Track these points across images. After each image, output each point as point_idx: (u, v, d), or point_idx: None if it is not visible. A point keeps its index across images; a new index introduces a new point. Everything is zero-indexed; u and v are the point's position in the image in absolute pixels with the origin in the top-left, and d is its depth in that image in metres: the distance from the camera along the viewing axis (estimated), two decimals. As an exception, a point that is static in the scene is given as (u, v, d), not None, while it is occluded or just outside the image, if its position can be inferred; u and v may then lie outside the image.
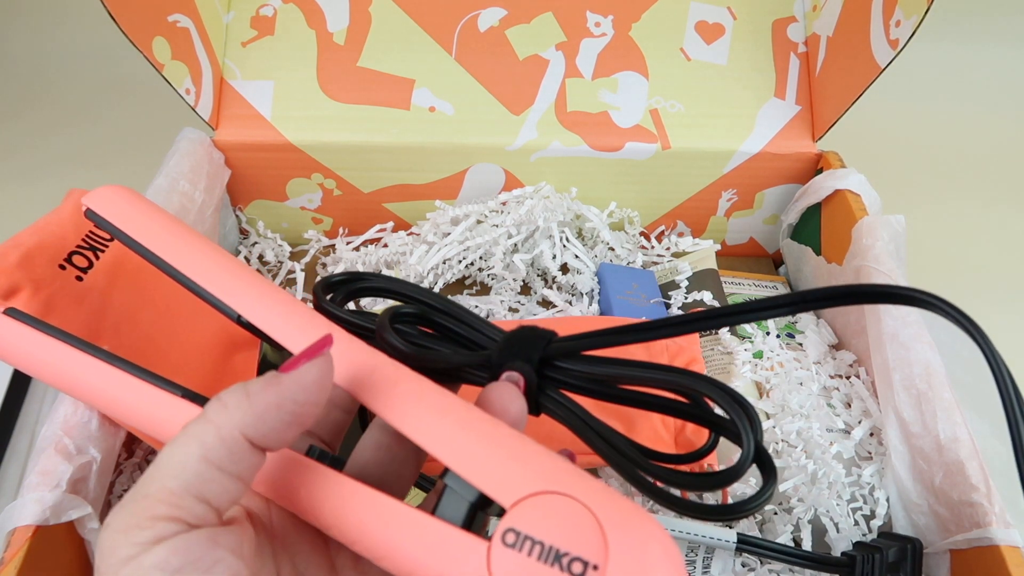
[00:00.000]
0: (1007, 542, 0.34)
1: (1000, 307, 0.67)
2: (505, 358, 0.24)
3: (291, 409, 0.20)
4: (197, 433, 0.19)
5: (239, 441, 0.19)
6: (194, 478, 0.18)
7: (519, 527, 0.19)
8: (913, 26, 0.46)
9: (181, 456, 0.18)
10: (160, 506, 0.17)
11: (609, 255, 0.60)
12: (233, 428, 0.19)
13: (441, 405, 0.22)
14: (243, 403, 0.19)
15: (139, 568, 0.16)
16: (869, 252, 0.48)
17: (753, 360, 0.48)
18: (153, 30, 0.49)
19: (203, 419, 0.19)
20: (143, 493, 0.18)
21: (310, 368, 0.20)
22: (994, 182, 0.81)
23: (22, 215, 0.28)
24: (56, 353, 0.28)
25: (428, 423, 0.21)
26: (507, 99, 0.58)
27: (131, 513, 0.17)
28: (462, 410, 0.22)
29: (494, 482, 0.20)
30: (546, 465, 0.20)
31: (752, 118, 0.58)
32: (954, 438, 0.38)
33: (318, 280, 0.28)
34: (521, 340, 0.24)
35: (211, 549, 0.17)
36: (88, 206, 0.29)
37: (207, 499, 0.18)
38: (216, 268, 0.27)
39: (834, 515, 0.40)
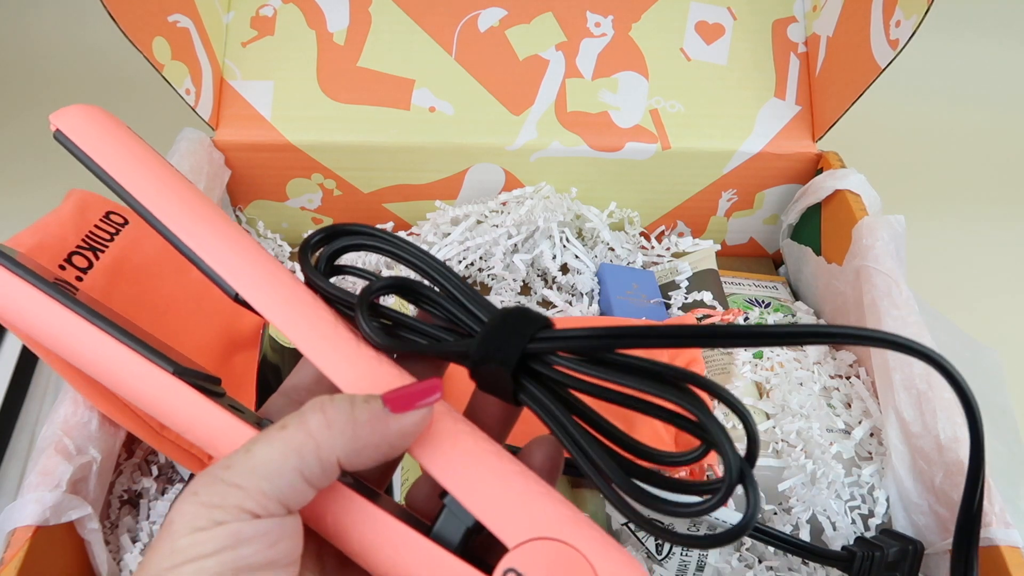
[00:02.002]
0: (1007, 542, 0.34)
1: (1000, 307, 0.67)
2: (484, 354, 0.22)
3: (385, 451, 0.21)
4: (297, 446, 0.20)
5: (334, 465, 0.20)
6: (286, 487, 0.19)
7: (520, 569, 0.20)
8: (913, 26, 0.46)
9: (279, 464, 0.19)
10: (248, 501, 0.19)
11: (609, 255, 0.60)
12: (332, 452, 0.20)
13: (459, 436, 0.22)
14: (347, 431, 0.20)
15: (210, 535, 0.18)
16: (869, 252, 0.48)
17: (753, 360, 0.48)
18: (153, 30, 0.49)
19: (306, 431, 0.20)
20: (234, 482, 0.19)
21: (416, 417, 0.21)
22: (994, 182, 0.81)
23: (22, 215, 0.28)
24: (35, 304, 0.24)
25: (442, 453, 0.22)
26: (507, 99, 0.58)
27: (220, 495, 0.19)
28: (477, 444, 0.22)
29: (500, 521, 0.21)
30: (551, 510, 0.21)
31: (752, 118, 0.58)
32: (954, 438, 0.38)
33: (303, 241, 0.26)
34: (503, 334, 0.22)
35: (277, 529, 0.19)
36: (57, 127, 0.25)
37: (287, 504, 0.20)
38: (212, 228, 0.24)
39: (832, 514, 0.40)
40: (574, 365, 0.22)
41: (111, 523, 0.39)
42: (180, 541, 0.19)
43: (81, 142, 0.24)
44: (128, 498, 0.40)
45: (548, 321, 0.23)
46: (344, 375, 0.23)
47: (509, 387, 0.23)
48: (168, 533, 0.19)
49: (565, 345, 0.22)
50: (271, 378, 0.44)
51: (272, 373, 0.44)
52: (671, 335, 0.21)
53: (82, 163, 0.24)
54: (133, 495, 0.40)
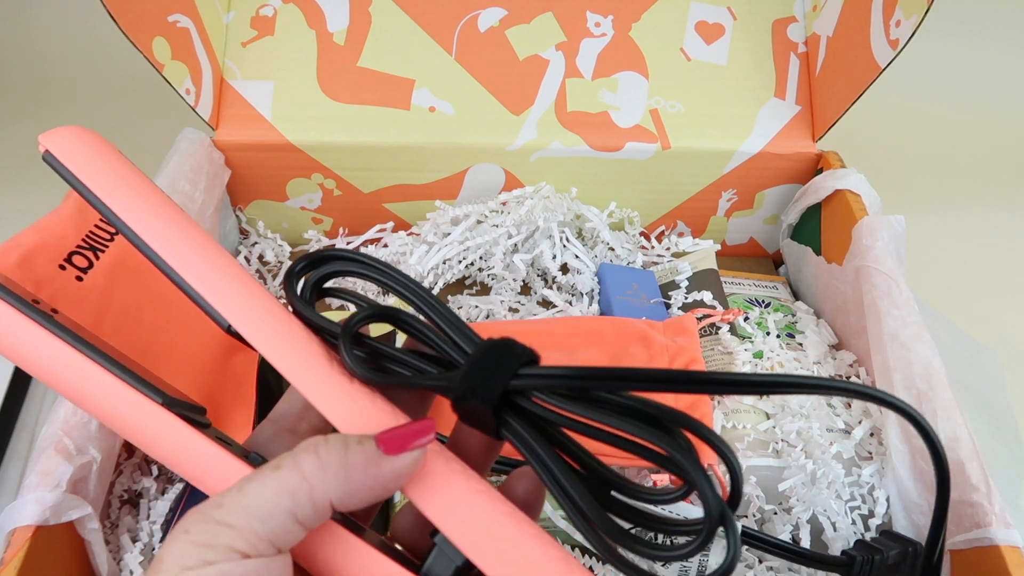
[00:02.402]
0: (1007, 542, 0.34)
1: (1000, 307, 0.67)
2: (465, 390, 0.22)
3: (378, 493, 0.21)
4: (291, 488, 0.19)
5: (327, 507, 0.20)
6: (278, 528, 0.19)
7: None
8: (913, 26, 0.46)
9: (272, 504, 0.19)
10: (240, 541, 0.19)
11: (609, 255, 0.60)
12: (326, 495, 0.20)
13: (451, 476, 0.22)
14: (341, 474, 0.20)
15: (200, 575, 0.18)
16: (869, 252, 0.48)
17: (753, 360, 0.48)
18: (153, 30, 0.49)
19: (300, 473, 0.20)
20: (226, 521, 0.19)
21: (410, 459, 0.21)
22: (994, 181, 0.81)
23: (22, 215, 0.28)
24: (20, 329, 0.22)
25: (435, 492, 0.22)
26: (507, 99, 0.58)
27: (211, 534, 0.19)
28: (470, 485, 0.22)
29: (492, 562, 0.21)
30: (542, 552, 0.21)
31: (752, 118, 0.58)
32: (954, 438, 0.38)
33: (288, 267, 0.25)
34: (486, 368, 0.22)
35: (267, 569, 0.19)
36: (47, 148, 0.23)
37: (278, 545, 0.19)
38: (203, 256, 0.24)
39: (832, 515, 0.40)
40: (557, 401, 0.21)
41: (111, 523, 0.39)
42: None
43: (72, 165, 0.23)
44: (128, 498, 0.40)
45: (533, 355, 0.23)
46: (335, 410, 0.23)
47: (491, 423, 0.22)
48: (157, 571, 0.19)
49: (547, 383, 0.22)
50: (271, 378, 0.44)
51: (272, 373, 0.44)
52: (655, 379, 0.21)
53: (72, 186, 0.23)
54: (133, 495, 0.40)
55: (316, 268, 0.25)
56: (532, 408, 0.22)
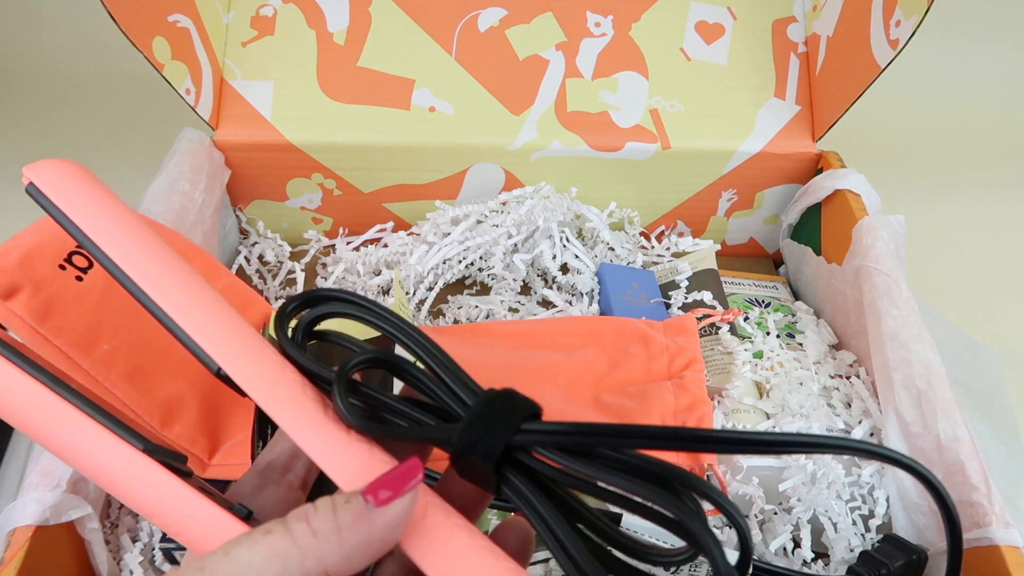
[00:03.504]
0: (1007, 542, 0.34)
1: (1000, 307, 0.67)
2: (465, 445, 0.21)
3: (377, 548, 0.20)
4: (281, 554, 0.19)
5: (320, 574, 0.19)
6: None
7: None
8: (913, 26, 0.46)
9: (259, 569, 0.18)
10: None
11: (609, 255, 0.60)
12: (319, 561, 0.19)
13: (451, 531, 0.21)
14: (333, 537, 0.19)
15: None
16: (869, 252, 0.48)
17: (753, 360, 0.48)
18: (153, 30, 0.49)
19: (290, 539, 0.19)
20: None
21: (402, 505, 0.20)
22: (994, 182, 0.81)
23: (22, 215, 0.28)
24: None
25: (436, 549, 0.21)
26: (507, 99, 0.58)
27: None
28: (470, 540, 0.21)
29: None
30: None
31: (752, 118, 0.58)
32: (954, 438, 0.38)
33: (279, 307, 0.24)
34: (487, 422, 0.21)
35: None
36: (31, 180, 0.23)
37: None
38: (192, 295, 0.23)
39: (832, 515, 0.40)
40: (560, 458, 0.21)
41: (111, 523, 0.39)
42: None
43: (57, 199, 0.22)
44: (128, 498, 0.40)
45: (535, 408, 0.22)
46: (332, 462, 0.22)
47: (492, 479, 0.22)
48: None
49: (551, 440, 0.21)
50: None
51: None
52: (662, 437, 0.20)
53: (56, 220, 0.22)
54: (133, 495, 0.40)
55: (309, 308, 0.24)
56: (534, 464, 0.21)
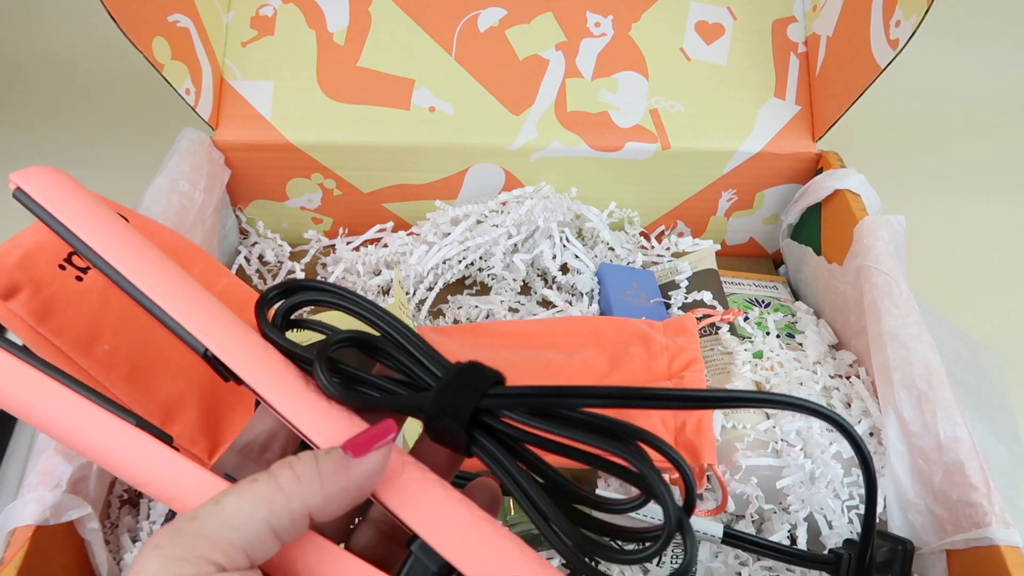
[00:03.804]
0: (1007, 542, 0.34)
1: (1000, 307, 0.67)
2: (438, 409, 0.23)
3: (355, 495, 0.21)
4: (267, 498, 0.20)
5: (304, 516, 0.20)
6: (253, 537, 0.19)
7: None
8: (913, 26, 0.46)
9: (247, 514, 0.20)
10: (214, 552, 0.19)
11: (609, 255, 0.60)
12: (303, 504, 0.20)
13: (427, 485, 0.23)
14: (315, 482, 0.21)
15: None
16: (870, 252, 0.48)
17: (753, 360, 0.48)
18: (153, 30, 0.49)
19: (275, 485, 0.20)
20: (200, 532, 0.19)
21: (377, 457, 0.22)
22: (994, 182, 0.81)
23: (22, 215, 0.28)
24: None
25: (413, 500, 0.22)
26: (507, 99, 0.58)
27: (184, 547, 0.19)
28: (446, 493, 0.23)
29: (469, 562, 0.21)
30: (520, 555, 0.22)
31: (752, 118, 0.58)
32: (954, 438, 0.38)
33: (260, 295, 0.26)
34: (456, 389, 0.23)
35: None
36: (18, 185, 0.25)
37: (253, 557, 0.20)
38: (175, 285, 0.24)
39: (828, 513, 0.40)
40: (523, 419, 0.23)
41: (111, 523, 0.39)
42: None
43: (44, 201, 0.24)
44: (128, 498, 0.40)
45: (499, 376, 0.24)
46: (315, 428, 0.23)
47: (463, 441, 0.23)
48: None
49: (514, 402, 0.23)
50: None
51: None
52: (609, 395, 0.22)
53: (43, 221, 0.24)
54: (133, 495, 0.40)
55: (287, 297, 0.26)
56: (500, 426, 0.23)
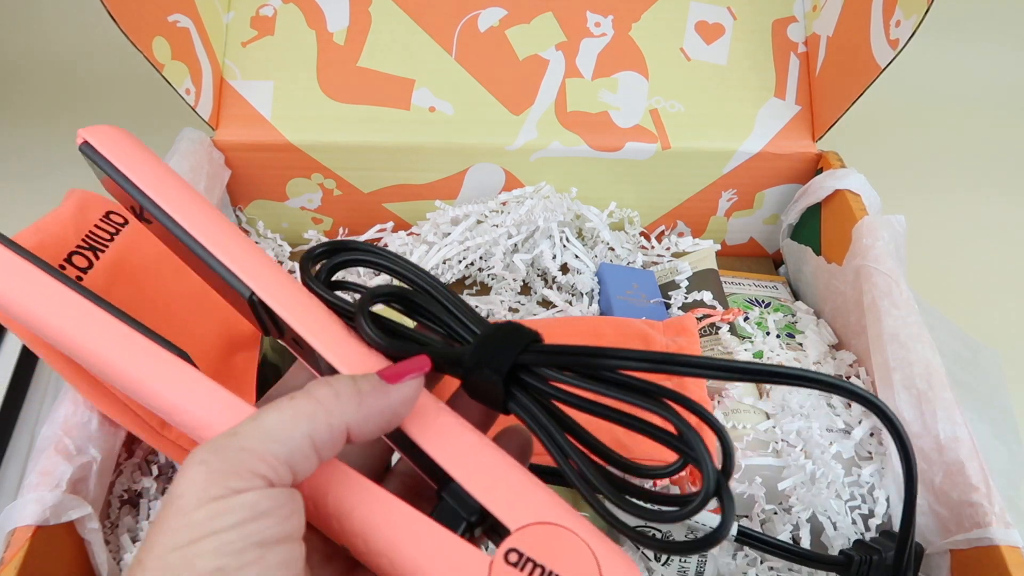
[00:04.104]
0: (1007, 542, 0.34)
1: (1000, 307, 0.67)
2: (478, 361, 0.23)
3: (389, 418, 0.22)
4: (309, 412, 0.20)
5: (342, 433, 0.21)
6: (296, 451, 0.20)
7: (523, 549, 0.21)
8: (913, 26, 0.46)
9: (290, 428, 0.20)
10: (261, 464, 0.19)
11: (609, 255, 0.60)
12: (342, 419, 0.21)
13: (459, 429, 0.23)
14: (354, 400, 0.21)
15: (228, 505, 0.18)
16: (869, 252, 0.48)
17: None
18: (153, 30, 0.49)
19: (314, 401, 0.21)
20: (244, 446, 0.19)
21: (412, 384, 0.22)
22: (994, 182, 0.81)
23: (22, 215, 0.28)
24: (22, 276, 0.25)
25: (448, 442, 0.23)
26: (507, 99, 0.58)
27: (231, 461, 0.19)
28: (479, 439, 0.23)
29: (501, 504, 0.22)
30: (552, 501, 0.22)
31: (752, 118, 0.58)
32: (954, 438, 0.38)
33: (304, 252, 0.27)
34: (496, 343, 0.24)
35: (290, 501, 0.19)
36: (86, 139, 0.27)
37: (295, 470, 0.20)
38: (227, 233, 0.26)
39: (831, 514, 0.40)
40: (564, 378, 0.23)
41: (111, 523, 0.39)
42: (195, 514, 0.18)
43: (109, 154, 0.27)
44: (128, 498, 0.40)
45: (539, 335, 0.24)
46: (353, 368, 0.24)
47: (500, 395, 0.24)
48: (177, 508, 0.18)
49: (554, 359, 0.23)
50: (271, 377, 0.44)
51: (272, 372, 0.44)
52: (653, 360, 0.22)
53: (107, 174, 0.26)
54: (133, 495, 0.40)
55: (332, 256, 0.27)
56: (539, 384, 0.23)
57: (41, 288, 0.25)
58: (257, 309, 0.25)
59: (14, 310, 0.25)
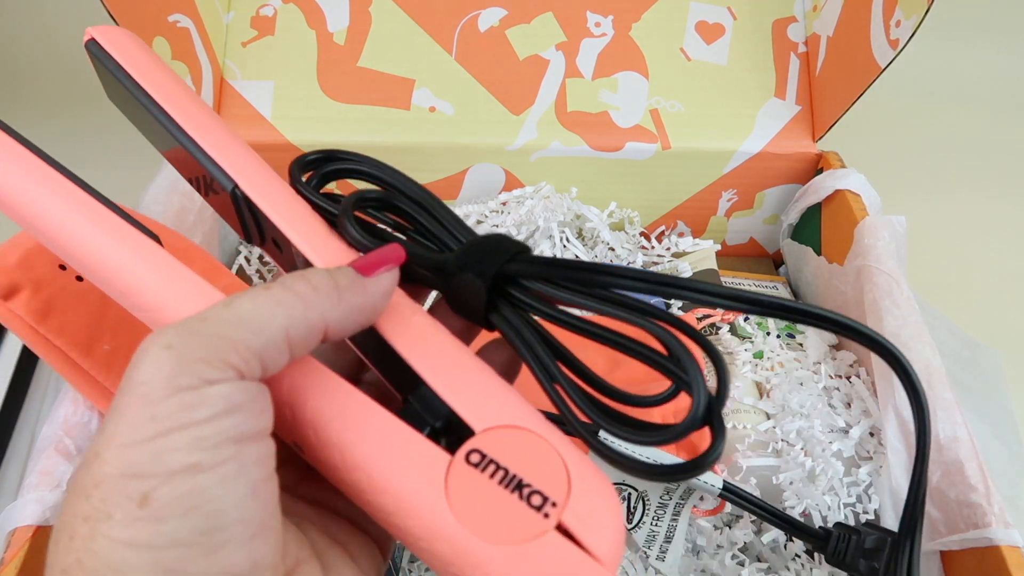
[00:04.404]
0: (1007, 542, 0.34)
1: (1000, 307, 0.67)
2: (461, 266, 0.22)
3: (367, 314, 0.21)
4: (287, 304, 0.19)
5: (320, 329, 0.19)
6: (270, 344, 0.18)
7: (486, 450, 0.20)
8: (913, 26, 0.46)
9: (267, 319, 0.18)
10: (233, 354, 0.17)
11: (609, 255, 0.60)
12: (321, 315, 0.19)
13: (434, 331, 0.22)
14: (333, 295, 0.20)
15: (201, 396, 0.16)
16: (871, 252, 0.48)
17: (753, 360, 0.48)
18: (153, 30, 0.49)
19: (293, 293, 0.19)
20: (219, 333, 0.17)
21: (387, 277, 0.21)
22: (994, 181, 0.81)
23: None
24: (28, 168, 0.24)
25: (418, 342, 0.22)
26: (507, 99, 0.58)
27: (204, 348, 0.17)
28: (453, 343, 0.22)
29: (469, 405, 0.20)
30: (526, 409, 0.21)
31: (752, 118, 0.58)
32: (954, 438, 0.38)
33: (295, 159, 0.27)
34: (483, 250, 0.22)
35: (261, 396, 0.18)
36: (93, 36, 0.27)
37: (267, 365, 0.18)
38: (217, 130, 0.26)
39: (823, 509, 0.40)
40: (552, 291, 0.22)
41: (111, 523, 0.39)
42: (164, 405, 0.16)
43: (112, 51, 0.26)
44: (128, 498, 0.40)
45: (526, 247, 0.23)
46: (330, 264, 0.23)
47: (482, 304, 0.22)
48: (140, 396, 0.16)
49: (542, 270, 0.22)
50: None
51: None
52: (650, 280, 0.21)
53: (108, 70, 0.26)
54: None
55: (322, 166, 0.27)
56: (525, 297, 0.22)
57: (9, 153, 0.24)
58: (239, 204, 0.25)
59: None
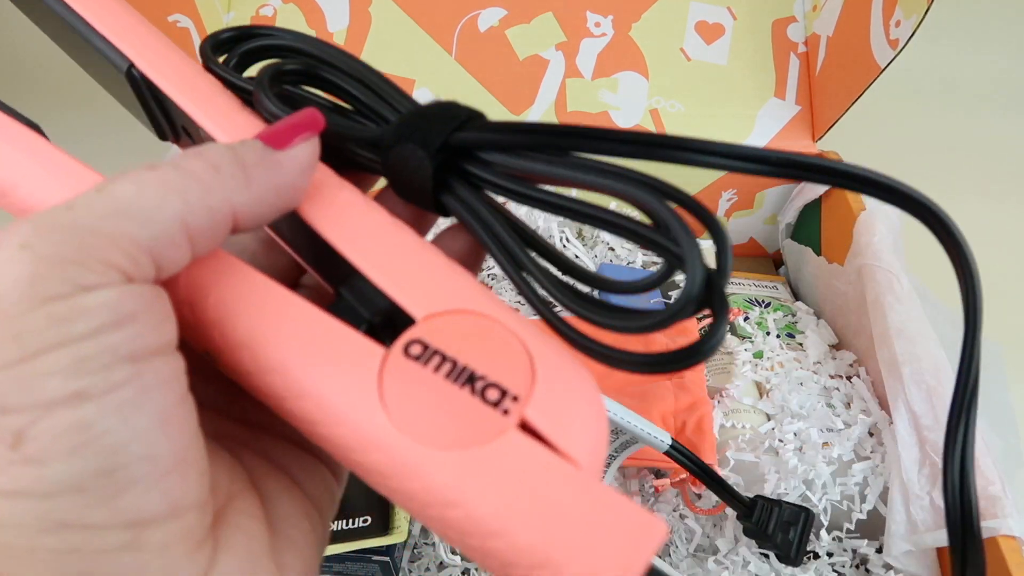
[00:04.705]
0: (1005, 532, 0.34)
1: (1001, 304, 0.67)
2: (399, 136, 0.18)
3: (284, 196, 0.17)
4: (182, 189, 0.15)
5: (226, 216, 0.15)
6: (163, 237, 0.14)
7: (429, 340, 0.16)
8: (913, 26, 0.46)
9: (157, 206, 0.14)
10: (114, 251, 0.13)
11: (609, 255, 0.60)
12: (226, 199, 0.15)
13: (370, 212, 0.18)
14: (239, 174, 0.16)
15: (75, 306, 0.13)
16: (869, 249, 0.48)
17: (753, 360, 0.48)
18: (154, 29, 0.49)
19: (187, 174, 0.15)
20: (91, 226, 0.13)
21: (305, 148, 0.17)
22: (994, 180, 0.81)
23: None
24: None
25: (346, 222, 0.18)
26: (507, 99, 0.58)
27: (73, 245, 0.13)
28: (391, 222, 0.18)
29: (411, 293, 0.17)
30: (480, 292, 0.17)
31: (752, 118, 0.58)
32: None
33: (205, 38, 0.22)
34: (426, 117, 0.18)
35: (160, 303, 0.14)
36: None
37: (161, 263, 0.14)
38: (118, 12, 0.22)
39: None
40: (514, 161, 0.18)
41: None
42: (27, 320, 0.12)
43: None
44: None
45: (480, 114, 0.19)
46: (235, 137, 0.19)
47: (429, 181, 0.18)
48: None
49: (499, 138, 0.18)
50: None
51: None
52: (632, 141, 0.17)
53: None
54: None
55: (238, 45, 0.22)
56: (482, 172, 0.18)
57: None
58: (139, 89, 0.21)
59: None
